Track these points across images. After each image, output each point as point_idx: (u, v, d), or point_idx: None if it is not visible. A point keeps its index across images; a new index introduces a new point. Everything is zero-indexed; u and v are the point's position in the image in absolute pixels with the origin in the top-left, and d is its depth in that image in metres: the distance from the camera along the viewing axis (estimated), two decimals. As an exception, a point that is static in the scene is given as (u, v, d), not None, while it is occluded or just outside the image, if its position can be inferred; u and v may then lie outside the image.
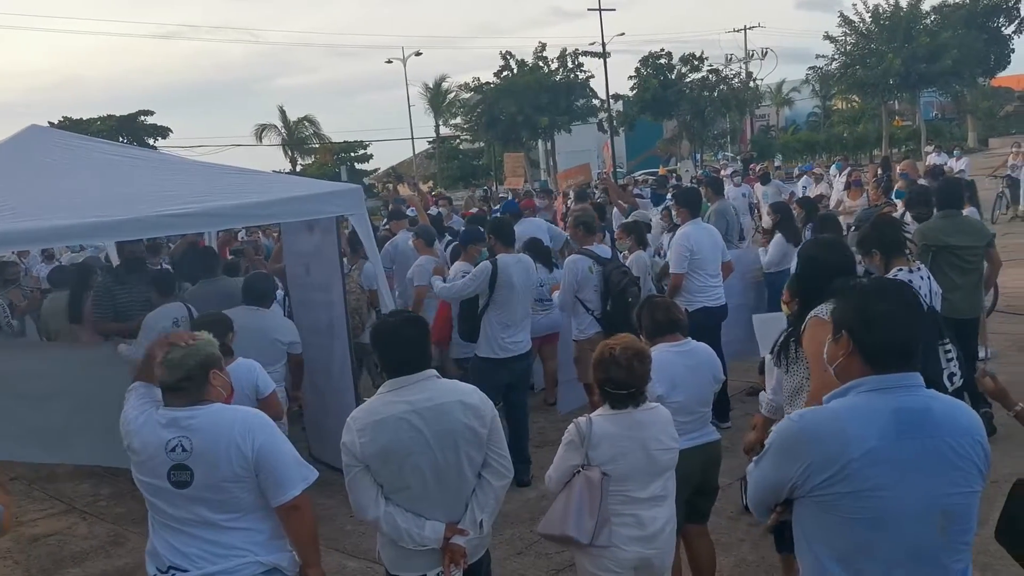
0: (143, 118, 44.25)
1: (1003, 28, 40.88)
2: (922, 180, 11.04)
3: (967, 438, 2.04)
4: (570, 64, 41.80)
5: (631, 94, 42.64)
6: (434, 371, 3.06)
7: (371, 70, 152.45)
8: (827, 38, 41.25)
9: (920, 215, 6.67)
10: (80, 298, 7.08)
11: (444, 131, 49.80)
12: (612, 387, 3.25)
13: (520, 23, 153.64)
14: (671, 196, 11.05)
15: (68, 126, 36.34)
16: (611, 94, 41.95)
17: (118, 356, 5.85)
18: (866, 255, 4.45)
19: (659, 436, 3.27)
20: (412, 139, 50.74)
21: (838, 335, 2.15)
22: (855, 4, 42.00)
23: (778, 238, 7.56)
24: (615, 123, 43.15)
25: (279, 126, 47.94)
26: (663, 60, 42.02)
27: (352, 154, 49.81)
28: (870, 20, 40.35)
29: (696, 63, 42.01)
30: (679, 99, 41.53)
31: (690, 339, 3.98)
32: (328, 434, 5.58)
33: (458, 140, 50.84)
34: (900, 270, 4.38)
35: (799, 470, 2.04)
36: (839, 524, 2.03)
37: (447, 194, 23.80)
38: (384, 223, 10.91)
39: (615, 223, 10.01)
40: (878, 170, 14.86)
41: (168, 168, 6.22)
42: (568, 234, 7.64)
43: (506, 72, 41.64)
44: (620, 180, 21.92)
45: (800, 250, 4.00)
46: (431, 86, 48.10)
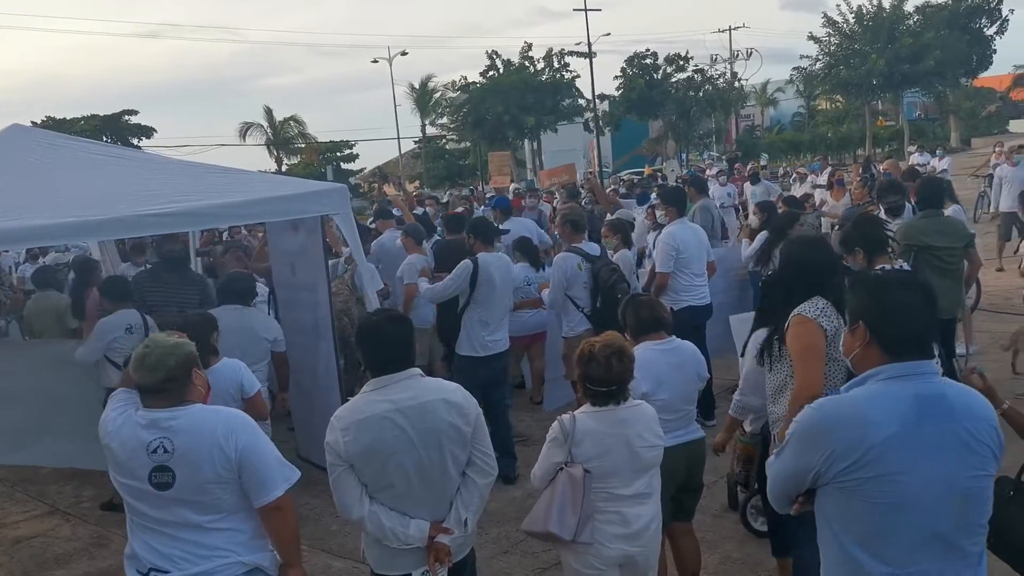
0: (127, 118, 43.95)
1: (985, 29, 41.25)
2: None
3: (983, 423, 2.10)
4: (556, 64, 41.97)
5: (617, 94, 42.84)
6: (418, 370, 3.06)
7: (357, 70, 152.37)
8: (811, 39, 41.73)
9: (892, 206, 6.71)
10: (83, 294, 6.98)
11: (430, 131, 49.79)
12: (592, 384, 3.27)
13: (506, 23, 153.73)
14: (655, 195, 11.09)
15: (51, 125, 35.94)
16: (597, 94, 42.13)
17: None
18: (849, 253, 4.46)
19: (643, 433, 3.28)
20: (398, 139, 50.58)
21: (855, 326, 2.20)
22: (839, 5, 42.47)
23: (763, 235, 7.57)
24: (601, 123, 43.24)
25: (264, 125, 47.73)
26: (649, 60, 42.23)
27: (338, 154, 49.59)
28: (854, 21, 40.73)
29: (682, 63, 42.25)
30: (665, 99, 41.73)
31: (674, 337, 3.99)
32: (315, 433, 5.56)
33: (444, 140, 50.81)
34: (883, 268, 4.41)
35: (822, 458, 2.09)
36: (862, 509, 2.07)
37: (434, 194, 23.74)
38: (370, 221, 10.86)
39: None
40: (860, 169, 14.94)
41: (152, 167, 6.16)
42: (556, 232, 7.63)
43: (492, 72, 41.75)
44: (605, 180, 21.91)
45: (783, 249, 4.01)
46: (417, 86, 48.04)
